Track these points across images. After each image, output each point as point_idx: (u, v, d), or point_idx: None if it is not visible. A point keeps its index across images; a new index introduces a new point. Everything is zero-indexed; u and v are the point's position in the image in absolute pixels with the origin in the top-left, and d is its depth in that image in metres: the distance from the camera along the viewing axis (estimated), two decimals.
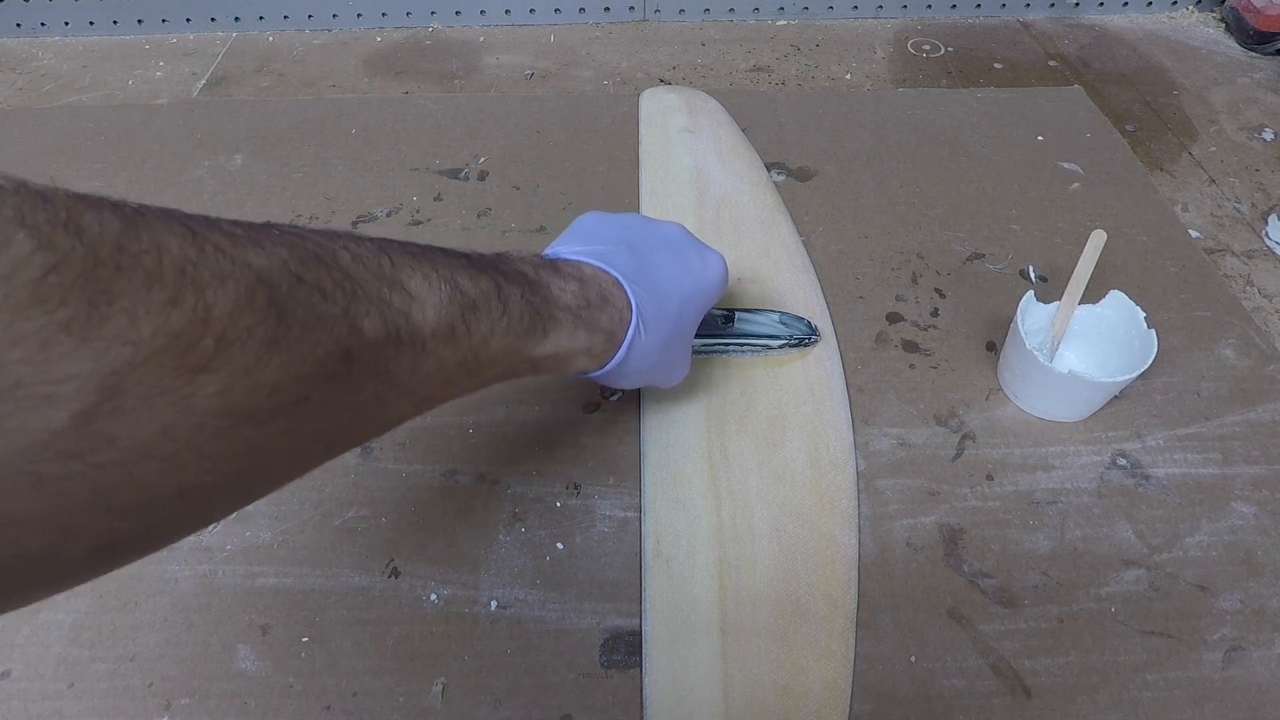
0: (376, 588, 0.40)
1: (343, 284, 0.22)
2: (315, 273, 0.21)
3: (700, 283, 0.39)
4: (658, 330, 0.36)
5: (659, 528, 0.41)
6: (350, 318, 0.21)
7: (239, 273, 0.18)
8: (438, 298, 0.25)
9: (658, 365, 0.38)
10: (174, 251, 0.17)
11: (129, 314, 0.16)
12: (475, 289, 0.27)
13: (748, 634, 0.37)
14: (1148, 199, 0.60)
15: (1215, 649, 0.37)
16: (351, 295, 0.22)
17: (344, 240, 0.23)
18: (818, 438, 0.45)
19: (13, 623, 0.38)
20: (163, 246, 0.17)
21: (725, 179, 0.61)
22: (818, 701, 0.36)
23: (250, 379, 0.18)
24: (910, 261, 0.56)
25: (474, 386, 0.28)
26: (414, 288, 0.24)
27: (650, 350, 0.36)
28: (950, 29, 0.88)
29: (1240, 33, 0.83)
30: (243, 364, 0.18)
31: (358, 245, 0.24)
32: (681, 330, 0.38)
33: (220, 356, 0.17)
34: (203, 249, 0.18)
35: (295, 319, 0.19)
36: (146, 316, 0.16)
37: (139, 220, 0.17)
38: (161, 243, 0.17)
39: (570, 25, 0.88)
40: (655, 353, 0.36)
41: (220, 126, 0.68)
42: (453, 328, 0.25)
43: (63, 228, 0.15)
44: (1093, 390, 0.43)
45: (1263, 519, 0.42)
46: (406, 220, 0.59)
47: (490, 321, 0.27)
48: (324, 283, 0.21)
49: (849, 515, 0.42)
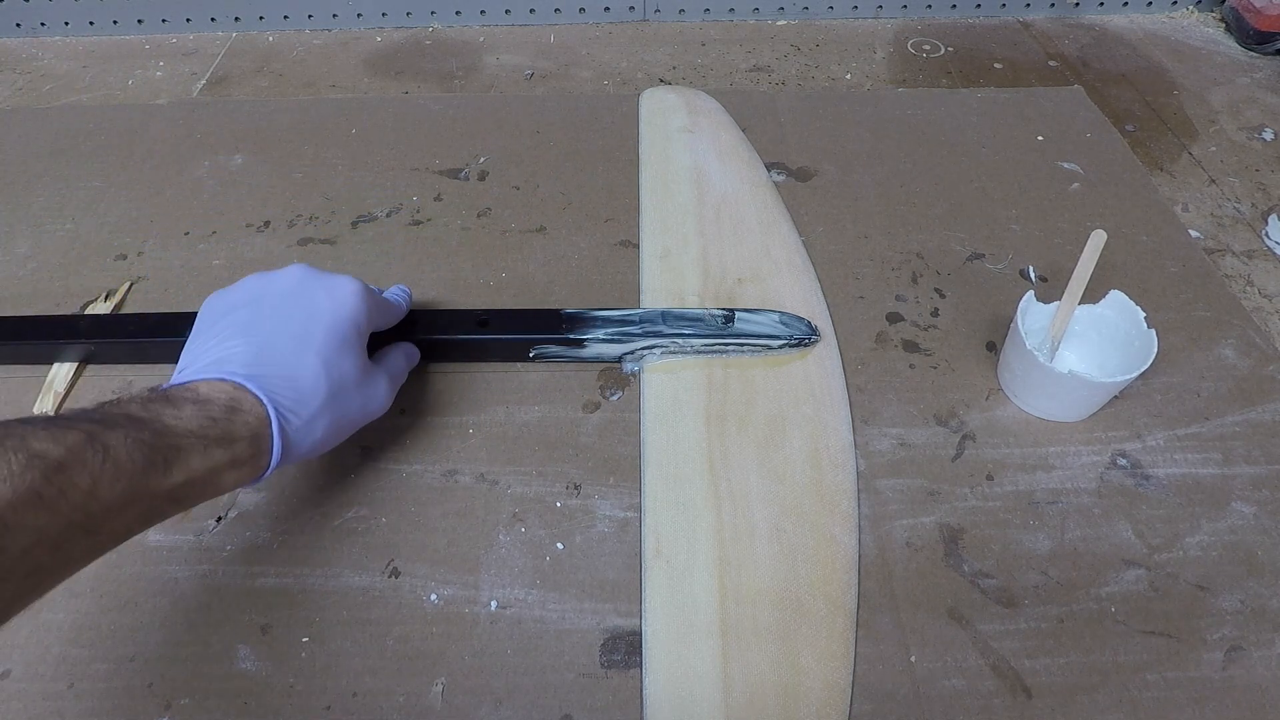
0: (376, 588, 0.40)
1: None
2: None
3: (335, 320, 0.37)
4: (311, 400, 0.35)
5: (659, 528, 0.41)
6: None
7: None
8: (7, 469, 0.24)
9: (337, 419, 0.37)
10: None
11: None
12: (59, 449, 0.26)
13: (748, 634, 0.37)
14: (1148, 199, 0.60)
15: (1215, 649, 0.37)
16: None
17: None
18: (818, 438, 0.45)
19: (13, 623, 0.38)
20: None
21: (725, 179, 0.61)
22: (818, 701, 0.36)
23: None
24: (910, 261, 0.56)
25: (100, 545, 0.28)
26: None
27: (313, 421, 0.35)
28: (950, 29, 0.88)
29: (1240, 33, 0.83)
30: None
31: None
32: (339, 380, 0.37)
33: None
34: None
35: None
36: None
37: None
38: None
39: (570, 25, 0.88)
40: (323, 417, 0.36)
41: (220, 126, 0.68)
42: (38, 494, 0.24)
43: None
44: (1093, 390, 0.43)
45: (1263, 519, 0.42)
46: (406, 220, 0.59)
47: (90, 474, 0.26)
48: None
49: (849, 515, 0.42)
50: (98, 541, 0.28)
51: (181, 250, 0.57)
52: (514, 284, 0.55)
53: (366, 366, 0.39)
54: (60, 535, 0.25)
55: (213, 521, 0.42)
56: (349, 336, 0.38)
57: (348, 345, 0.38)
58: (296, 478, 0.44)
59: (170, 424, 0.30)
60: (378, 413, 0.40)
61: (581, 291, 0.54)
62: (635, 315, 0.48)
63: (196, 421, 0.31)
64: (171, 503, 0.30)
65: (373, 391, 0.40)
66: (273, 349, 0.35)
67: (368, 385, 0.39)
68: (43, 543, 0.25)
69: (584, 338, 0.47)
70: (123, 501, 0.28)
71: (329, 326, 0.37)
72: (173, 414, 0.31)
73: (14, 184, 0.63)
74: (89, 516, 0.26)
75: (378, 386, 0.40)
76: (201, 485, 0.31)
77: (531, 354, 0.48)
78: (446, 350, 0.48)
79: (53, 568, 0.26)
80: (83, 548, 0.27)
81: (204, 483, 0.31)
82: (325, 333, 0.37)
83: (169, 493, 0.29)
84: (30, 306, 0.53)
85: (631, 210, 0.60)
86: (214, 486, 0.32)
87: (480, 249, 0.57)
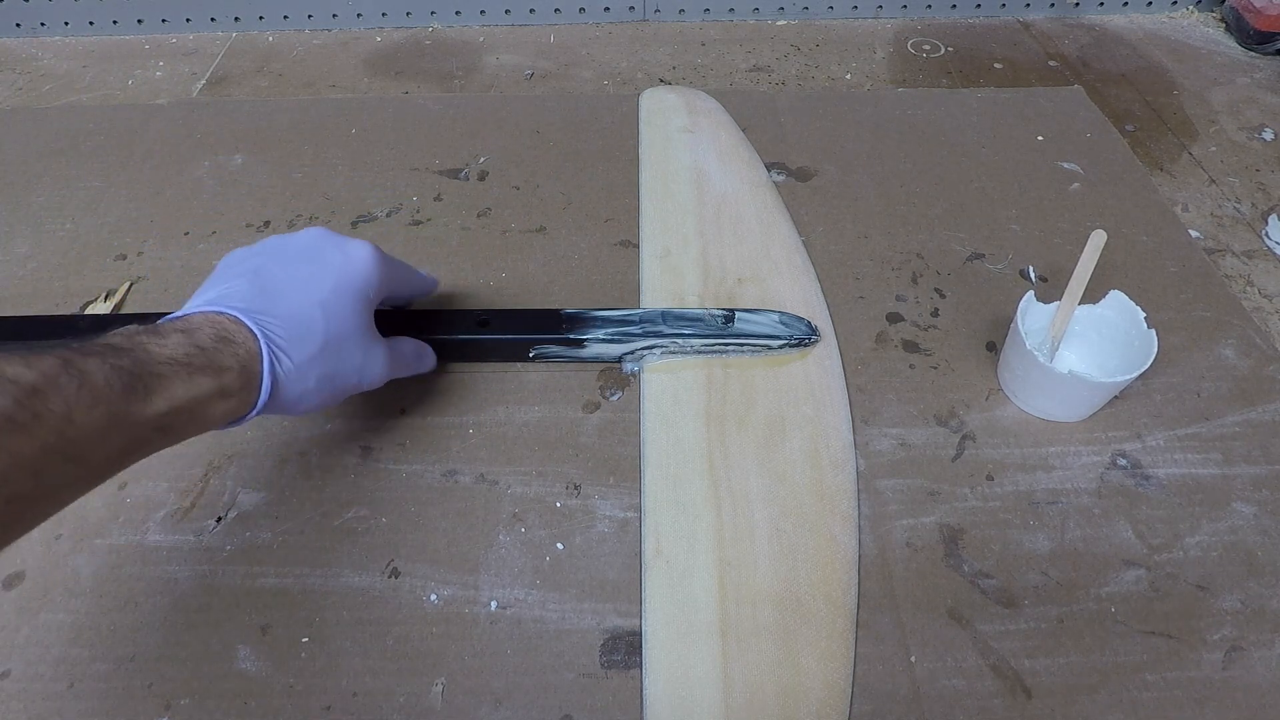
0: (376, 588, 0.40)
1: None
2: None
3: (344, 276, 0.38)
4: (305, 344, 0.35)
5: (659, 528, 0.41)
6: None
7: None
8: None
9: (331, 373, 0.37)
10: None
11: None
12: (32, 373, 0.26)
13: (748, 634, 0.37)
14: (1148, 199, 0.60)
15: (1215, 649, 0.37)
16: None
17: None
18: (818, 438, 0.45)
19: (13, 623, 0.38)
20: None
21: (725, 179, 0.61)
22: (818, 702, 0.36)
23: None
24: (910, 261, 0.56)
25: (89, 475, 0.28)
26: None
27: (305, 366, 0.35)
28: (950, 29, 0.88)
29: (1240, 33, 0.83)
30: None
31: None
32: (338, 331, 0.37)
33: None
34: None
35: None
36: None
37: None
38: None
39: (570, 25, 0.88)
40: (316, 364, 0.36)
41: (220, 126, 0.68)
42: (10, 418, 0.25)
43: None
44: (1093, 390, 0.43)
45: (1263, 519, 0.42)
46: (406, 220, 0.59)
47: (64, 399, 0.26)
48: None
49: (849, 515, 0.42)
50: (83, 471, 0.28)
51: (181, 250, 0.57)
52: (514, 284, 0.55)
53: (369, 331, 0.40)
54: (37, 460, 0.25)
55: (213, 521, 0.42)
56: (354, 294, 0.38)
57: (351, 302, 0.38)
58: (296, 477, 0.44)
59: (153, 351, 0.30)
60: (372, 383, 0.40)
61: (581, 291, 0.54)
62: (635, 315, 0.48)
63: (181, 350, 0.31)
64: (158, 432, 0.30)
65: (370, 360, 0.40)
66: (274, 291, 0.36)
67: (367, 350, 0.39)
68: (19, 467, 0.25)
69: (584, 338, 0.47)
70: (103, 428, 0.27)
71: (336, 280, 0.38)
72: (157, 343, 0.31)
73: (14, 184, 0.63)
74: (68, 442, 0.26)
75: (376, 356, 0.40)
76: (188, 415, 0.31)
77: (531, 354, 0.48)
78: (446, 350, 0.48)
79: (35, 495, 0.26)
80: (66, 476, 0.27)
81: (189, 412, 0.31)
82: (331, 285, 0.37)
83: (152, 421, 0.29)
84: (30, 306, 0.53)
85: (631, 210, 0.60)
86: (201, 417, 0.32)
87: (480, 249, 0.57)
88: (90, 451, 0.27)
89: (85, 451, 0.27)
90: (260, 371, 0.34)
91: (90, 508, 0.43)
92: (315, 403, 0.37)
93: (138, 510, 0.43)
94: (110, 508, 0.43)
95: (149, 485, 0.44)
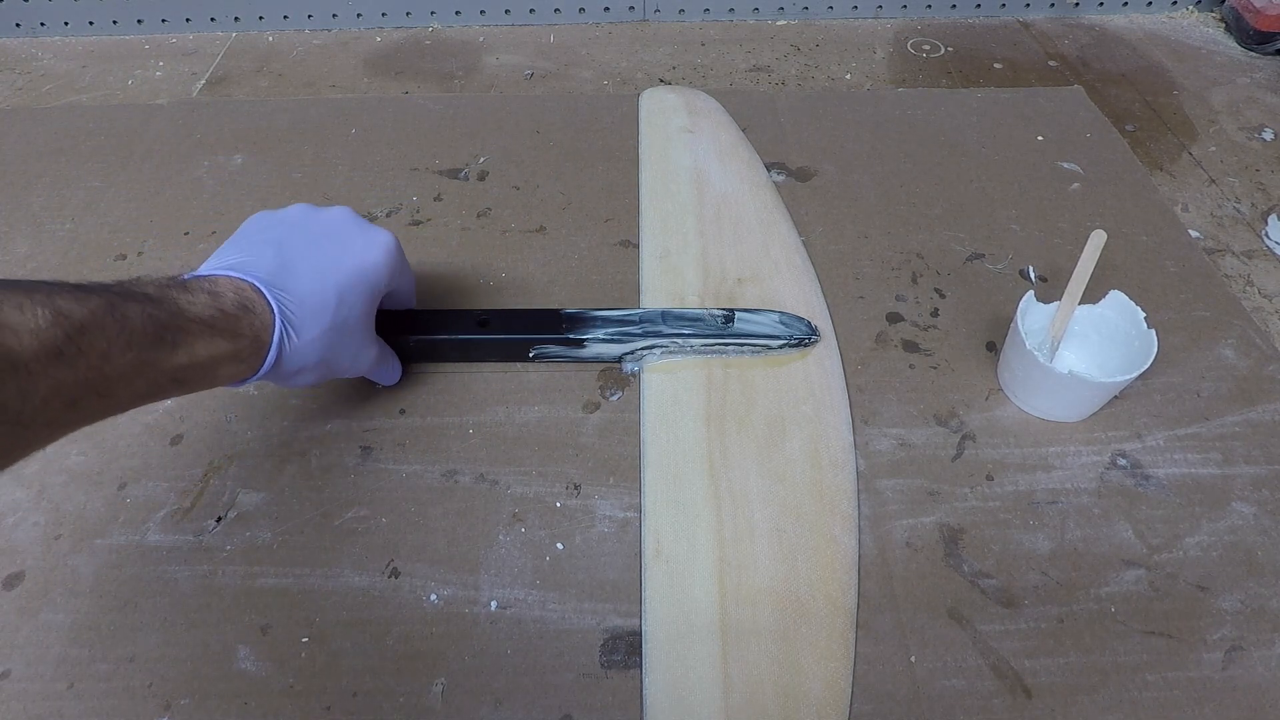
0: (376, 588, 0.40)
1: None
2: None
3: (363, 261, 0.39)
4: (314, 324, 0.37)
5: (659, 528, 0.41)
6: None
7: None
8: (34, 323, 0.25)
9: (329, 357, 0.38)
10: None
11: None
12: (82, 310, 0.27)
13: (748, 634, 0.37)
14: (1148, 199, 0.60)
15: (1215, 649, 0.37)
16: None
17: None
18: (818, 438, 0.45)
19: (13, 623, 0.38)
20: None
21: (725, 179, 0.61)
22: (818, 702, 0.36)
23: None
24: (910, 261, 0.56)
25: (111, 408, 0.29)
26: (5, 317, 0.25)
27: (309, 345, 0.37)
28: (950, 29, 0.88)
29: (1240, 33, 0.83)
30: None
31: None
32: (347, 317, 0.39)
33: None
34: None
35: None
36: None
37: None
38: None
39: (570, 25, 0.88)
40: (318, 345, 0.37)
41: (220, 126, 0.68)
42: (59, 350, 0.26)
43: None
44: (1093, 390, 0.43)
45: (1263, 519, 0.42)
46: (406, 220, 0.59)
47: (106, 339, 0.28)
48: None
49: (849, 515, 0.42)
50: (108, 405, 0.29)
51: (181, 250, 0.57)
52: (514, 284, 0.55)
53: (370, 325, 0.42)
54: (75, 392, 0.27)
55: (213, 522, 0.42)
56: (368, 283, 0.40)
57: (364, 291, 0.40)
58: (296, 477, 0.44)
59: (184, 307, 0.32)
60: (361, 371, 0.43)
61: (581, 291, 0.54)
62: (635, 315, 0.48)
63: (208, 310, 0.32)
64: (173, 382, 0.32)
65: (364, 349, 0.41)
66: (296, 268, 0.37)
67: (363, 342, 0.41)
68: (59, 396, 0.26)
69: (584, 338, 0.47)
70: (132, 371, 0.29)
71: (354, 267, 0.39)
72: (187, 299, 0.32)
73: (14, 184, 0.63)
74: (103, 379, 0.28)
75: (369, 347, 0.42)
76: (201, 370, 0.32)
77: (531, 354, 0.48)
78: (446, 350, 0.48)
79: (65, 422, 0.28)
80: (94, 408, 0.28)
81: (204, 368, 0.32)
82: (349, 271, 0.39)
83: (172, 371, 0.31)
84: None
85: (631, 210, 0.60)
86: (212, 375, 0.33)
87: (480, 249, 0.57)
88: (118, 389, 0.29)
89: (115, 388, 0.29)
90: (270, 343, 0.35)
91: (90, 508, 0.43)
92: (308, 379, 0.39)
93: (138, 510, 0.43)
94: (110, 508, 0.43)
95: (149, 485, 0.44)
